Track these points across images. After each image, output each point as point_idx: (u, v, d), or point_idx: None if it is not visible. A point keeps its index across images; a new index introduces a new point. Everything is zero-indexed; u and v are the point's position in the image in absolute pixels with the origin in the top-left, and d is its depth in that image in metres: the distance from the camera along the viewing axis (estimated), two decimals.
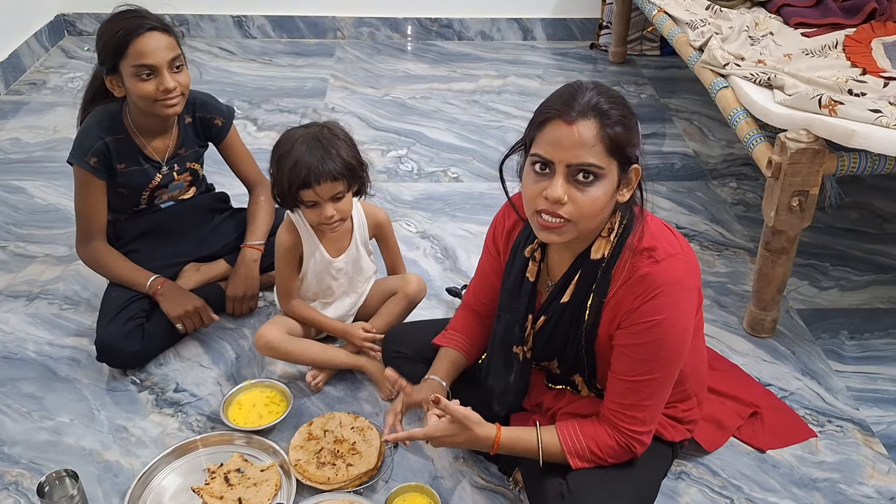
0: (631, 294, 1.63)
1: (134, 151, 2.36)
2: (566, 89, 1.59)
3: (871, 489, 2.03)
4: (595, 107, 1.53)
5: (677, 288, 1.62)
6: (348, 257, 2.30)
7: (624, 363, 1.67)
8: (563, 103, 1.55)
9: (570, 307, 1.73)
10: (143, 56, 2.17)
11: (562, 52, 4.64)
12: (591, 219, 1.59)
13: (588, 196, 1.55)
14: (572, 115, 1.53)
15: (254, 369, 2.36)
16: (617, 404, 1.68)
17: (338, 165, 2.08)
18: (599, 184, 1.55)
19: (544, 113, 1.57)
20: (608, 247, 1.66)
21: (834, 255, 2.88)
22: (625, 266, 1.65)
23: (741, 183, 3.33)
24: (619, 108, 1.55)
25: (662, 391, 1.69)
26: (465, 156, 3.51)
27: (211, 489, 1.93)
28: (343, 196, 2.13)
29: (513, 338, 1.82)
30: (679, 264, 1.63)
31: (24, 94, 4.00)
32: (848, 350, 2.46)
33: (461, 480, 2.03)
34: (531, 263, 1.78)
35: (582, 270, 1.70)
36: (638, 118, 1.60)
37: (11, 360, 2.38)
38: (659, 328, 1.61)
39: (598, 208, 1.57)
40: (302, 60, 4.45)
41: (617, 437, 1.69)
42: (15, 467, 2.05)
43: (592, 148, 1.52)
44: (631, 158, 1.58)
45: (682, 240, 1.69)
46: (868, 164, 2.19)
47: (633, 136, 1.57)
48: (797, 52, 2.76)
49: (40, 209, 3.07)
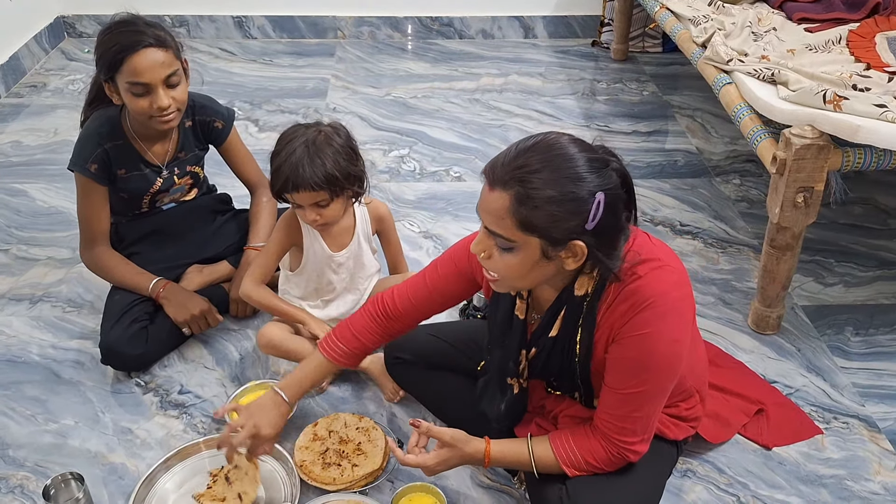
0: (618, 311, 1.58)
1: (134, 157, 2.36)
2: (514, 145, 1.50)
3: (878, 485, 2.03)
4: (515, 179, 1.44)
5: (665, 299, 1.56)
6: (350, 252, 2.29)
7: (615, 375, 1.63)
8: (493, 162, 1.50)
9: (559, 341, 1.69)
10: (137, 74, 2.15)
11: (563, 50, 4.63)
12: (516, 280, 1.56)
13: (503, 260, 1.52)
14: (491, 179, 1.48)
15: (258, 370, 2.36)
16: (609, 415, 1.65)
17: (318, 176, 2.05)
18: (514, 253, 1.50)
19: (485, 166, 1.53)
20: (591, 283, 1.61)
21: (838, 252, 2.87)
22: (608, 294, 1.60)
23: (745, 180, 3.32)
24: (552, 186, 1.43)
25: (655, 402, 1.66)
26: (468, 155, 3.51)
27: (213, 492, 1.92)
28: (327, 204, 2.11)
29: (507, 371, 1.79)
30: (664, 275, 1.58)
31: (24, 96, 4.00)
32: (853, 346, 2.46)
33: (467, 480, 2.03)
34: (518, 301, 1.73)
35: (567, 306, 1.65)
36: (594, 193, 1.44)
37: (15, 363, 2.38)
38: (647, 340, 1.57)
39: (518, 273, 1.53)
40: (303, 60, 4.45)
41: (609, 448, 1.66)
42: (20, 470, 2.05)
43: (502, 220, 1.47)
44: (560, 238, 1.47)
45: (665, 249, 1.65)
46: (873, 160, 2.19)
47: (564, 220, 1.44)
48: (801, 47, 2.75)
49: (42, 212, 3.07)
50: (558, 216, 1.44)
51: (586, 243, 1.48)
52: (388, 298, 1.93)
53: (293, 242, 2.27)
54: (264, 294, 2.29)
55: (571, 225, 1.45)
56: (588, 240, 1.48)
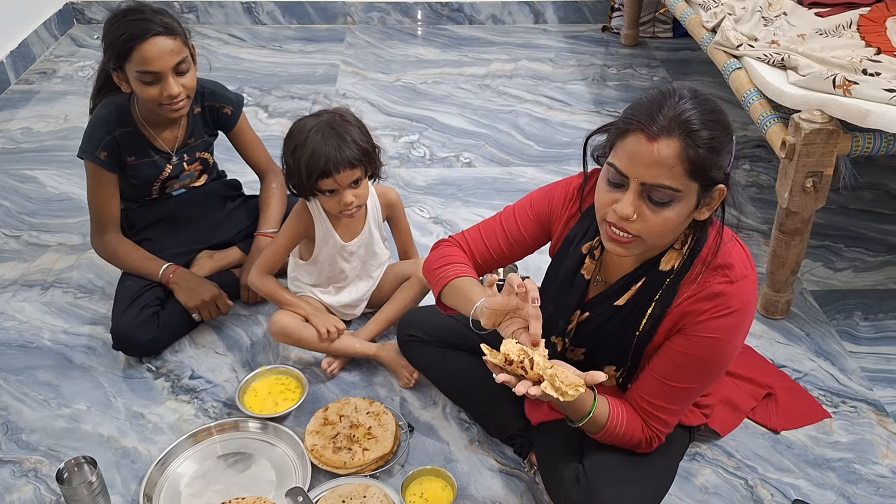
0: (699, 307, 1.58)
1: (143, 144, 2.36)
2: (656, 97, 1.47)
3: (886, 468, 2.03)
4: (682, 124, 1.42)
5: (746, 310, 1.58)
6: (361, 241, 2.30)
7: (669, 367, 1.63)
8: (648, 115, 1.44)
9: (624, 311, 1.68)
10: (147, 63, 2.15)
11: (574, 36, 4.62)
12: (662, 237, 1.52)
13: (660, 217, 1.47)
14: (654, 129, 1.42)
15: (268, 356, 2.37)
16: (648, 402, 1.66)
17: (354, 152, 2.08)
18: (675, 205, 1.47)
19: (628, 121, 1.47)
20: (679, 259, 1.61)
21: (848, 236, 2.87)
22: (695, 279, 1.59)
23: (754, 165, 3.31)
24: (711, 126, 1.44)
25: (693, 398, 1.70)
26: (478, 140, 3.51)
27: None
28: (360, 181, 2.14)
29: (554, 329, 1.76)
30: (751, 287, 1.59)
31: (34, 83, 4.01)
32: (862, 331, 2.46)
33: (477, 464, 2.04)
34: (588, 260, 1.71)
35: (647, 279, 1.64)
36: (732, 135, 1.49)
37: (28, 348, 2.39)
38: (716, 345, 1.59)
39: (670, 229, 1.50)
40: (312, 46, 4.45)
41: (644, 430, 1.69)
42: (33, 454, 2.07)
43: (671, 169, 1.42)
44: (716, 179, 1.48)
45: (751, 260, 1.64)
46: (883, 144, 2.18)
47: (722, 157, 1.46)
48: (811, 32, 2.75)
49: (53, 198, 3.09)
50: (719, 158, 1.45)
51: (728, 187, 1.51)
52: (467, 243, 1.87)
53: (305, 234, 2.28)
54: (270, 285, 2.30)
55: (724, 165, 1.47)
56: (726, 184, 1.50)
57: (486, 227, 1.87)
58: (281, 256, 2.31)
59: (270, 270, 2.31)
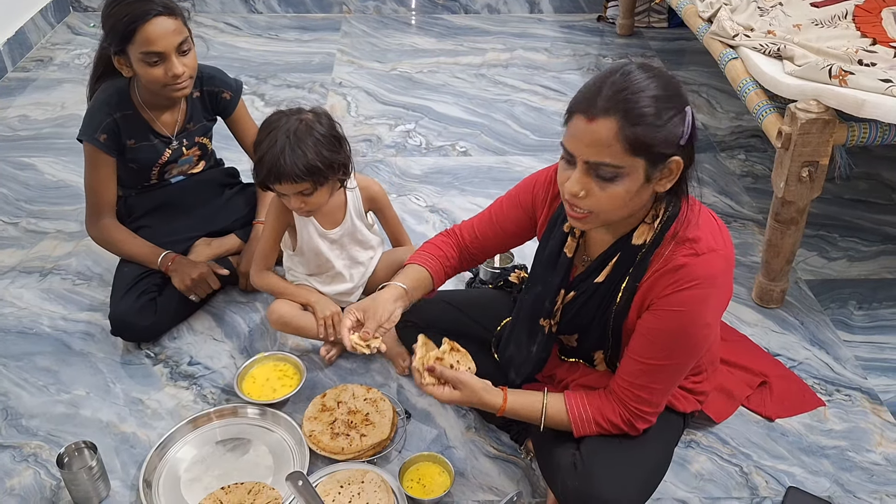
0: (665, 281, 1.61)
1: (143, 127, 2.37)
2: (600, 76, 1.52)
3: (879, 456, 2.05)
4: (619, 102, 1.46)
5: (711, 283, 1.60)
6: (343, 230, 2.29)
7: (642, 345, 1.66)
8: (589, 95, 1.49)
9: (602, 287, 1.71)
10: (151, 43, 2.16)
11: (569, 25, 4.62)
12: (615, 211, 1.56)
13: (607, 192, 1.52)
14: (592, 110, 1.47)
15: (266, 342, 2.38)
16: (628, 382, 1.68)
17: (299, 168, 2.03)
18: (620, 181, 1.50)
19: (571, 104, 1.53)
20: (650, 233, 1.64)
21: (842, 226, 2.89)
22: (664, 253, 1.63)
23: (750, 155, 3.33)
24: (651, 102, 1.47)
25: (674, 377, 1.70)
26: (474, 129, 3.51)
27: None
28: (311, 192, 2.10)
29: (542, 310, 1.81)
30: (718, 261, 1.61)
31: (30, 70, 4.01)
32: (856, 320, 2.48)
33: (473, 450, 2.06)
34: (570, 239, 1.76)
35: (621, 254, 1.68)
36: (684, 107, 1.50)
37: (27, 334, 2.40)
38: (684, 317, 1.61)
39: (621, 203, 1.54)
40: (308, 35, 4.45)
41: (622, 412, 1.69)
42: (34, 439, 2.08)
43: (610, 147, 1.47)
44: (665, 154, 1.50)
45: (726, 234, 1.67)
46: (878, 134, 2.20)
47: (667, 132, 1.48)
48: (807, 22, 2.75)
49: (51, 185, 3.09)
50: (661, 133, 1.48)
51: (683, 158, 1.53)
52: (461, 232, 1.99)
53: (287, 224, 2.28)
54: (271, 280, 2.31)
55: (673, 139, 1.50)
56: (682, 156, 1.53)
57: (480, 217, 1.98)
58: (272, 248, 2.31)
59: (268, 265, 2.32)
